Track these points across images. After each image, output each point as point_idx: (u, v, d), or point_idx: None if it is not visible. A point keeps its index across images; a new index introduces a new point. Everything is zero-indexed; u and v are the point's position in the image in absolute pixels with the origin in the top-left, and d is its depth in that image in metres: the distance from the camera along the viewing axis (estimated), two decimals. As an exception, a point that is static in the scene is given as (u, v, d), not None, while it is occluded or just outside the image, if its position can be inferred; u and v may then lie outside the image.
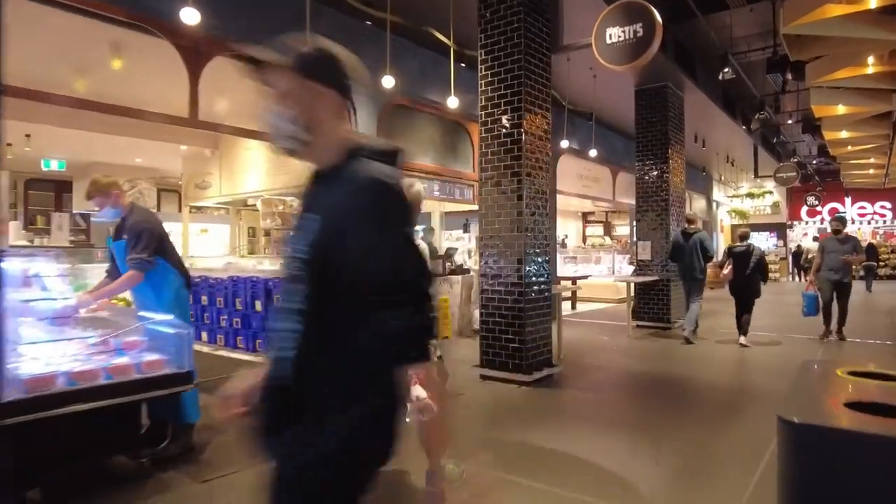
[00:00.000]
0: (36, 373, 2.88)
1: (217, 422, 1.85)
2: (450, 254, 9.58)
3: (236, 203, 10.27)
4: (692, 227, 8.26)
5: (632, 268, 12.66)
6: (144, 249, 3.67)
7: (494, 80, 5.85)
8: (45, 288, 3.21)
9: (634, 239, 10.52)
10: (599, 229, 21.69)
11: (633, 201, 10.62)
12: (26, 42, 4.82)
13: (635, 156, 10.07)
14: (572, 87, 9.75)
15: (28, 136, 8.49)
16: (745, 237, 7.91)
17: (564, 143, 9.93)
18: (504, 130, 5.77)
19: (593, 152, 10.73)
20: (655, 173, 9.78)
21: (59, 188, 12.39)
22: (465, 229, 12.25)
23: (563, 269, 15.10)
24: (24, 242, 7.66)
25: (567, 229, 20.95)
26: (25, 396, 2.80)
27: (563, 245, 17.00)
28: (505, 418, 4.73)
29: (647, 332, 9.30)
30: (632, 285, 9.46)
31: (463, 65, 7.90)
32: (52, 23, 4.87)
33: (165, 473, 3.49)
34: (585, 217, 22.18)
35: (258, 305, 7.53)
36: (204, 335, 8.48)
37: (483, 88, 5.95)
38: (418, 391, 1.65)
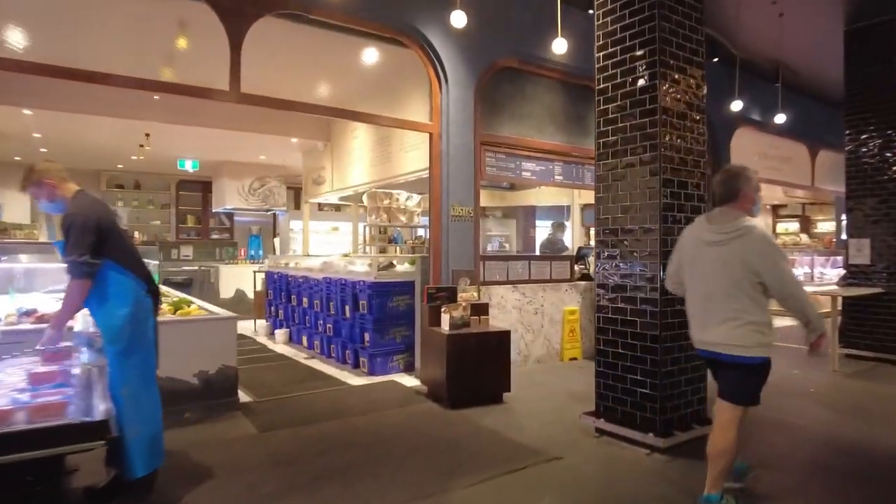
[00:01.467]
0: None
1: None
2: (582, 255, 7.82)
3: (354, 198, 9.58)
4: None
5: (838, 273, 9.58)
6: (77, 248, 2.73)
7: (616, 6, 4.11)
8: None
9: (844, 236, 7.71)
10: (795, 225, 17.72)
11: (839, 188, 7.80)
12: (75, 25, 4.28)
13: (844, 125, 7.33)
14: (748, 33, 7.35)
15: (148, 135, 8.57)
16: None
17: (736, 106, 7.49)
18: (631, 77, 4.00)
19: (780, 118, 8.10)
20: (876, 144, 6.97)
21: (206, 188, 12.93)
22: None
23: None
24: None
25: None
26: None
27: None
28: (612, 512, 3.04)
29: (863, 367, 6.61)
30: (838, 299, 6.83)
31: (591, 11, 6.14)
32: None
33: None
34: (776, 210, 18.30)
35: (347, 311, 6.57)
36: (304, 339, 7.84)
37: (601, 20, 4.23)
38: None
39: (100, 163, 11.41)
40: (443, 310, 5.13)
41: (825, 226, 16.25)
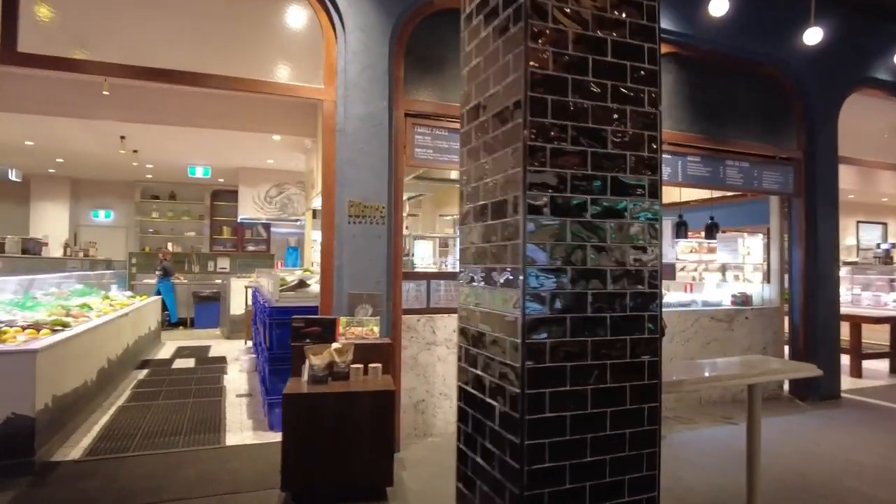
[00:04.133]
0: None
1: None
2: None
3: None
4: None
5: None
6: None
7: None
8: None
9: None
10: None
11: None
12: None
13: None
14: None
15: (123, 137, 7.86)
16: None
17: (812, 36, 4.78)
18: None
19: None
20: None
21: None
22: (678, 232, 7.79)
23: (886, 298, 9.04)
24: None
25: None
26: None
27: (886, 260, 10.48)
28: None
29: None
30: None
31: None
32: None
33: None
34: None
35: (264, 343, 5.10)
36: (260, 370, 6.55)
37: None
38: None
39: (123, 173, 11.14)
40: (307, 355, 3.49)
41: None
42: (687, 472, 3.77)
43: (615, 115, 2.00)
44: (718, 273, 7.67)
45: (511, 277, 1.93)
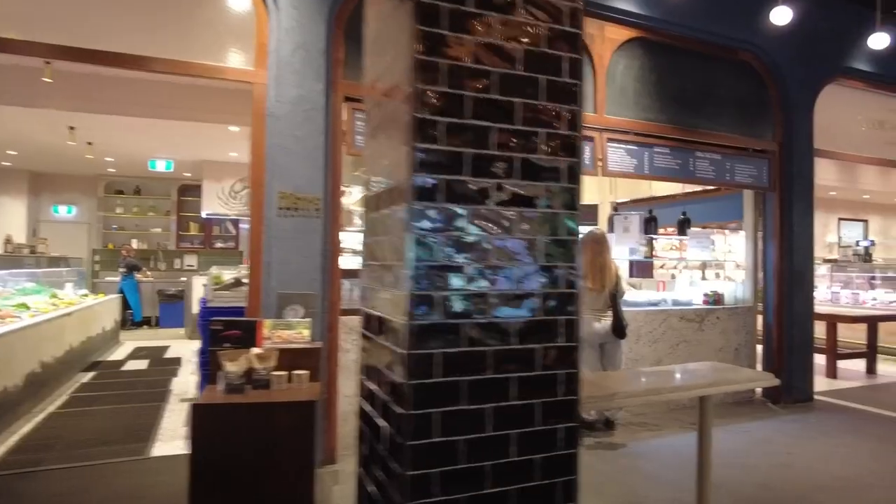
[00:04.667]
0: None
1: None
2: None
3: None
4: None
5: None
6: None
7: None
8: None
9: None
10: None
11: None
12: None
13: None
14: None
15: (72, 128, 7.45)
16: None
17: (780, 16, 4.56)
18: None
19: (879, 40, 5.08)
20: None
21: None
22: (648, 228, 7.49)
23: (865, 296, 8.86)
24: None
25: (888, 230, 13.47)
26: None
27: (866, 257, 10.33)
28: None
29: None
30: None
31: None
32: None
33: None
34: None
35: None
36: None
37: None
38: None
39: (84, 167, 10.69)
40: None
41: None
42: (645, 486, 3.49)
43: (526, 86, 1.70)
44: (699, 271, 7.41)
45: (398, 277, 1.63)
